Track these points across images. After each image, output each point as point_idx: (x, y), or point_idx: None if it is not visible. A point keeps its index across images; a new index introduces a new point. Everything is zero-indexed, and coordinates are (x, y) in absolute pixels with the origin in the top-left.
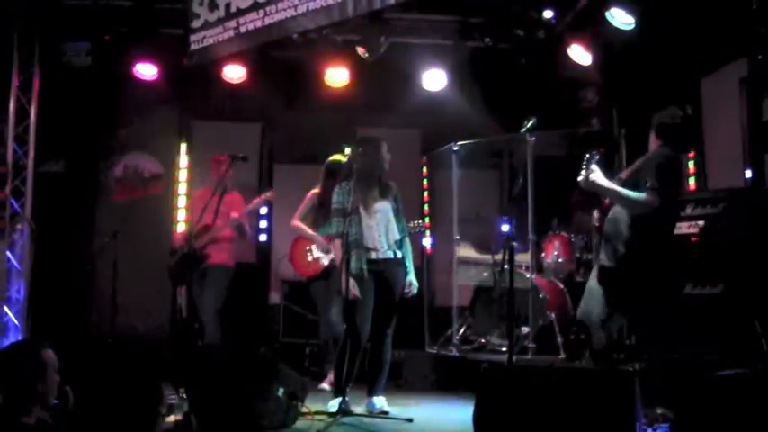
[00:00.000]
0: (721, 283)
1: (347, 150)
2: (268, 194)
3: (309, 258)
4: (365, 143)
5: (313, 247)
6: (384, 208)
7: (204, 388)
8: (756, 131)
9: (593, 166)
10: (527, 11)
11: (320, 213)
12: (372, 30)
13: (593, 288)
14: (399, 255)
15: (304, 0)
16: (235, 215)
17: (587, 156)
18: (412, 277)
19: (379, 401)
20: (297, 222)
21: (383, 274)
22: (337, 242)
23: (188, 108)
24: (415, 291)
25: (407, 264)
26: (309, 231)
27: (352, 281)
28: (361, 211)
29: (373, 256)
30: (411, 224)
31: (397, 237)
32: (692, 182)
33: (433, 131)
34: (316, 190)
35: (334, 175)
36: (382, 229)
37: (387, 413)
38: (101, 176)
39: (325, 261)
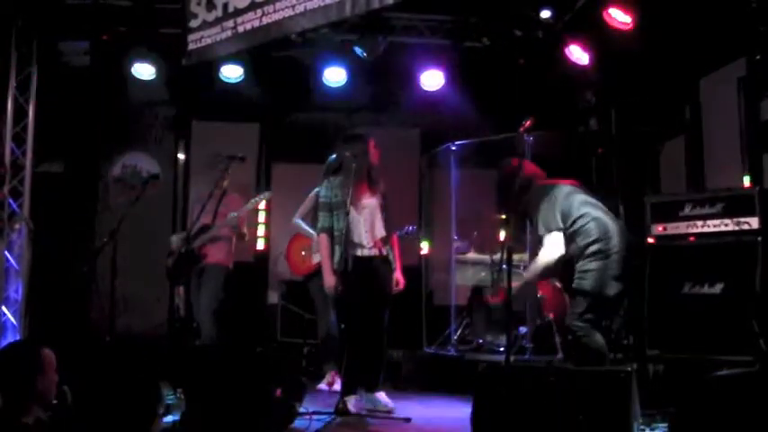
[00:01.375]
0: (719, 283)
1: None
2: (266, 193)
3: (303, 257)
4: (353, 139)
5: (308, 246)
6: (371, 204)
7: (202, 388)
8: (755, 131)
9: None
10: (525, 11)
11: None
12: (370, 29)
13: None
14: (385, 252)
15: (302, 0)
16: (233, 213)
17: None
18: (399, 274)
19: (382, 396)
20: (297, 220)
21: (368, 273)
22: (322, 236)
23: (186, 108)
24: (401, 287)
25: (392, 260)
26: (308, 229)
27: (331, 277)
28: (349, 206)
29: (359, 252)
30: (406, 228)
31: (383, 233)
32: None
33: (432, 131)
34: (318, 189)
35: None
36: (368, 224)
37: (392, 409)
38: (99, 176)
39: (317, 259)
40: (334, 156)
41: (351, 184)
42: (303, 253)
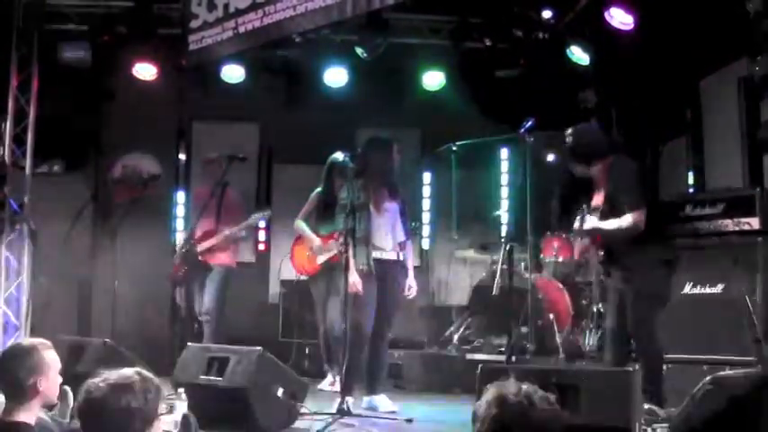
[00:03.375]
0: (720, 284)
1: (358, 149)
2: (266, 212)
3: (307, 257)
4: (378, 143)
5: (312, 246)
6: (393, 208)
7: (203, 387)
8: (755, 132)
9: (587, 216)
10: (526, 11)
11: (325, 212)
12: (371, 30)
13: None
14: (402, 257)
15: (302, 0)
16: (226, 232)
17: (580, 210)
18: (411, 279)
19: (383, 400)
20: (299, 221)
21: (386, 275)
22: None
23: (187, 108)
24: (413, 293)
25: (408, 266)
26: (308, 231)
27: (355, 276)
28: (372, 208)
29: (379, 255)
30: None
31: (402, 238)
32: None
33: (433, 131)
34: (320, 189)
35: (338, 174)
36: (389, 228)
37: (394, 411)
38: (99, 177)
39: (321, 259)
40: (334, 156)
41: (371, 186)
42: (308, 253)
